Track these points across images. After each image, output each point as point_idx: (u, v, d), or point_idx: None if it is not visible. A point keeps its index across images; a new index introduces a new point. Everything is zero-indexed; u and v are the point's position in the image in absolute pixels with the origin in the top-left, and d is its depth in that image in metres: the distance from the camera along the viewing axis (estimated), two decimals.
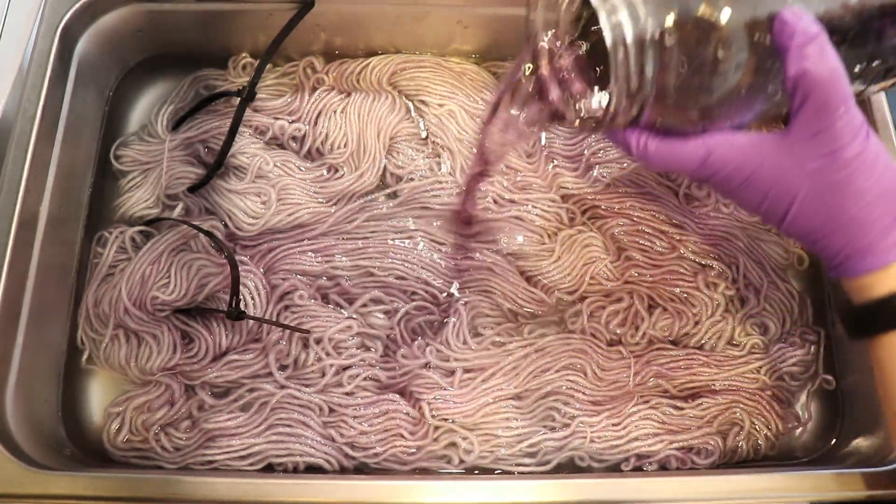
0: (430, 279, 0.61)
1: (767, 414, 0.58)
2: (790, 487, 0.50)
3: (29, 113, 0.57)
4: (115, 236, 0.61)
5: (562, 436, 0.57)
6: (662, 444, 0.57)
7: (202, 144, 0.65)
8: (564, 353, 0.59)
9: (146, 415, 0.56)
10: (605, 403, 0.58)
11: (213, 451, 0.55)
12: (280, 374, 0.57)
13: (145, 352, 0.58)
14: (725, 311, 0.61)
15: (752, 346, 0.60)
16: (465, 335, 0.59)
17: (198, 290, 0.59)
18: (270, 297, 0.59)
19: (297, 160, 0.64)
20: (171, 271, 0.60)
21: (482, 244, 0.62)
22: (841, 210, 0.39)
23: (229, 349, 0.58)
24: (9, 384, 0.52)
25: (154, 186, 0.63)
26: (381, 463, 0.56)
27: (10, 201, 0.54)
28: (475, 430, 0.57)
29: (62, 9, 0.61)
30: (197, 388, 0.58)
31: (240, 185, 0.63)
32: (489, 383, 0.58)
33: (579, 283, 0.61)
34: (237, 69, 0.68)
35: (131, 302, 0.58)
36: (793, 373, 0.60)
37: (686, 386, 0.59)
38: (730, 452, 0.58)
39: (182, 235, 0.61)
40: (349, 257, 0.61)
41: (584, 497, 0.50)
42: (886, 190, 0.38)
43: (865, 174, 0.38)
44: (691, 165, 0.39)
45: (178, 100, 0.67)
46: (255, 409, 0.57)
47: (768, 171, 0.39)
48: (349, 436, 0.56)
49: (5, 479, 0.48)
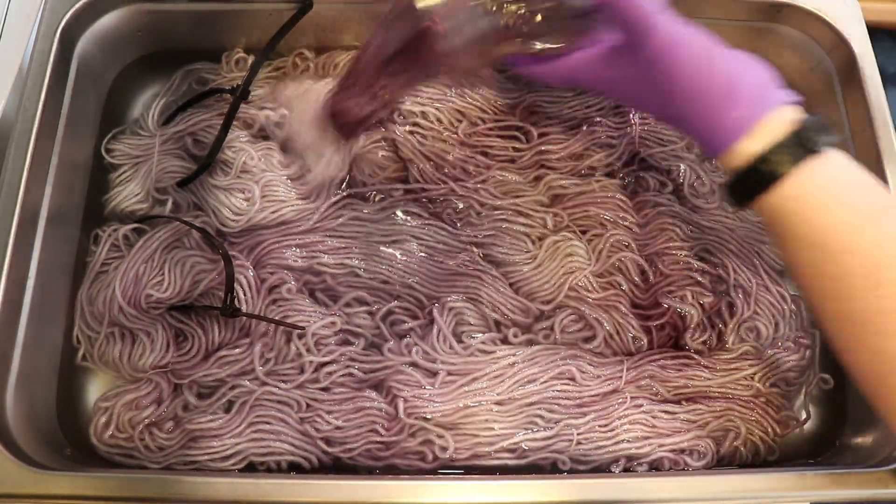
0: (415, 284, 0.60)
1: (763, 420, 0.58)
2: (790, 487, 0.50)
3: (29, 112, 0.57)
4: (109, 234, 0.61)
5: (544, 436, 0.56)
6: (651, 446, 0.56)
7: (191, 137, 0.64)
8: (552, 363, 0.58)
9: (134, 412, 0.56)
10: (593, 405, 0.57)
11: (196, 451, 0.55)
12: (261, 369, 0.57)
13: (139, 349, 0.58)
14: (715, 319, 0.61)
15: (744, 352, 0.60)
16: (451, 340, 0.58)
17: (192, 287, 0.59)
18: (260, 290, 0.59)
19: (279, 155, 0.63)
20: (165, 269, 0.59)
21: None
22: (676, 102, 0.45)
23: (221, 345, 0.58)
24: (9, 384, 0.53)
25: (144, 180, 0.63)
26: (356, 458, 0.56)
27: (11, 200, 0.54)
28: (452, 430, 0.56)
29: (62, 9, 0.61)
30: (184, 387, 0.57)
31: (224, 180, 0.62)
32: (471, 387, 0.57)
33: (557, 293, 0.60)
34: (230, 64, 0.68)
35: (125, 300, 0.58)
36: (788, 378, 0.60)
37: (680, 390, 0.58)
38: (727, 456, 0.57)
39: (175, 232, 0.61)
40: (334, 256, 0.60)
41: (581, 497, 0.49)
42: (713, 74, 0.43)
43: (683, 66, 0.43)
44: (561, 80, 0.50)
45: (169, 94, 0.67)
46: (235, 408, 0.56)
47: (610, 78, 0.48)
48: (324, 430, 0.56)
49: (5, 479, 0.48)
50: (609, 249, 0.61)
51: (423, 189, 0.63)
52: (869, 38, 0.63)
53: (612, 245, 0.61)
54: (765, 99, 0.43)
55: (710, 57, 0.43)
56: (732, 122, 0.43)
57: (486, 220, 0.62)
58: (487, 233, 0.62)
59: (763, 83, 0.44)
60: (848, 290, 0.42)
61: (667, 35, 0.43)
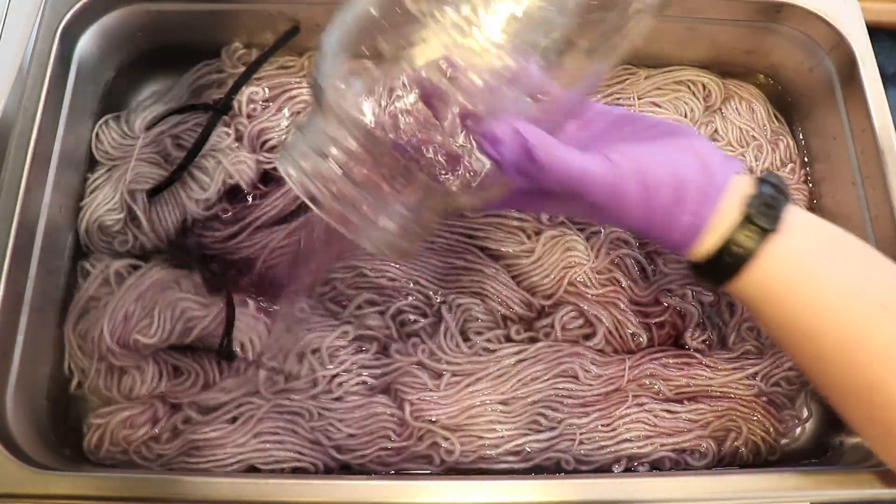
0: (422, 280, 0.60)
1: (764, 420, 0.58)
2: (790, 487, 0.50)
3: (29, 112, 0.57)
4: (100, 271, 0.59)
5: (548, 437, 0.56)
6: (653, 446, 0.56)
7: (172, 140, 0.62)
8: (555, 360, 0.58)
9: (128, 430, 0.54)
10: (596, 404, 0.57)
11: (196, 459, 0.54)
12: (268, 391, 0.56)
13: (128, 381, 0.56)
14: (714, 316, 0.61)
15: (745, 351, 0.60)
16: (457, 339, 0.58)
17: (183, 333, 0.56)
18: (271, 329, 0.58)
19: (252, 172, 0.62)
20: (155, 312, 0.55)
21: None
22: (625, 225, 0.47)
23: (222, 376, 0.57)
24: (9, 384, 0.52)
25: (117, 184, 0.61)
26: (366, 465, 0.56)
27: (11, 200, 0.54)
28: (457, 432, 0.56)
29: (62, 9, 0.61)
30: (184, 405, 0.56)
31: (203, 195, 0.61)
32: (475, 387, 0.57)
33: (557, 288, 0.60)
34: (232, 59, 0.66)
35: (114, 341, 0.55)
36: (789, 377, 0.60)
37: (682, 389, 0.58)
38: (727, 456, 0.58)
39: (171, 271, 0.58)
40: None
41: (580, 497, 0.49)
42: (653, 197, 0.40)
43: (626, 206, 0.41)
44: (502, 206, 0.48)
45: (166, 100, 0.65)
46: (241, 420, 0.56)
47: (553, 207, 0.51)
48: (336, 439, 0.55)
49: (5, 479, 0.48)
50: (608, 246, 0.61)
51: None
52: (869, 38, 0.63)
53: (612, 241, 0.61)
54: (709, 190, 0.41)
55: (645, 182, 0.40)
56: (686, 227, 0.41)
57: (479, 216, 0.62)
58: (480, 225, 0.61)
59: (704, 170, 0.41)
60: (827, 368, 0.42)
61: (603, 184, 0.40)
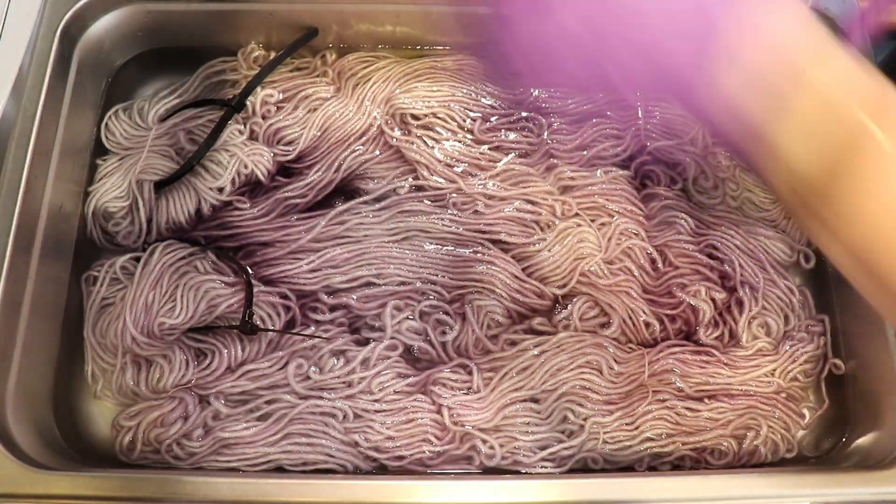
0: (432, 276, 0.60)
1: (785, 416, 0.58)
2: (790, 487, 0.50)
3: (29, 112, 0.57)
4: (105, 271, 0.59)
5: (578, 441, 0.56)
6: (675, 444, 0.56)
7: (185, 133, 0.63)
8: (580, 350, 0.58)
9: (160, 429, 0.55)
10: (619, 402, 0.57)
11: (227, 457, 0.54)
12: (299, 385, 0.56)
13: (156, 373, 0.56)
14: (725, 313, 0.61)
15: (760, 348, 0.59)
16: (479, 335, 0.59)
17: (207, 311, 0.57)
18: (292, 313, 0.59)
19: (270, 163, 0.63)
20: (178, 294, 0.57)
21: None
22: None
23: (246, 360, 0.57)
24: (9, 384, 0.52)
25: (127, 173, 0.61)
26: (406, 466, 0.55)
27: (11, 200, 0.55)
28: (495, 434, 0.56)
29: (62, 9, 0.61)
30: (211, 398, 0.56)
31: (216, 183, 0.61)
32: (505, 384, 0.57)
33: (570, 278, 0.60)
34: (248, 61, 0.66)
35: (138, 330, 0.56)
36: (806, 370, 0.60)
37: (702, 387, 0.58)
38: (746, 455, 0.57)
39: (183, 256, 0.59)
40: (344, 269, 0.60)
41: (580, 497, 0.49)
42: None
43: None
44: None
45: (182, 92, 0.66)
46: (273, 418, 0.55)
47: None
48: (374, 441, 0.55)
49: (5, 479, 0.48)
50: (618, 237, 0.61)
51: (432, 187, 0.63)
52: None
53: (621, 233, 0.62)
54: None
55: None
56: None
57: (493, 211, 0.62)
58: (494, 220, 0.62)
59: None
60: None
61: None
